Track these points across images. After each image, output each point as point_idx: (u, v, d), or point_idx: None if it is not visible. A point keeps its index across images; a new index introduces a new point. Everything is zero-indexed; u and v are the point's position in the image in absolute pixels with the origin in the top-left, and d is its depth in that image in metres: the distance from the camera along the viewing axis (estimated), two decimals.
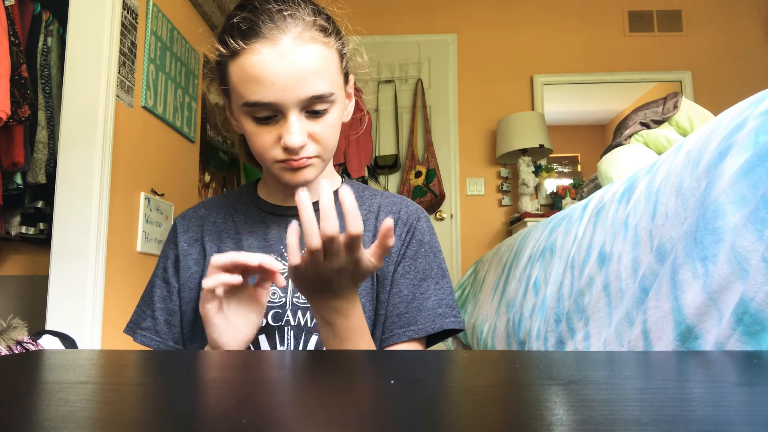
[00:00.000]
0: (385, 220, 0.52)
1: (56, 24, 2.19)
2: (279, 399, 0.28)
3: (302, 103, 0.64)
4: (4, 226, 2.15)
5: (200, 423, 0.23)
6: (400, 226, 0.75)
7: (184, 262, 0.75)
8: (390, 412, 0.24)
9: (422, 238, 0.75)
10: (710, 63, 3.55)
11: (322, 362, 0.40)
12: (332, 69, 0.67)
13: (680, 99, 1.74)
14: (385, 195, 0.80)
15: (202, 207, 0.82)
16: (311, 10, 0.66)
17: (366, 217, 0.76)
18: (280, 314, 0.69)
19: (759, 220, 0.44)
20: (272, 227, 0.75)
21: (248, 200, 0.79)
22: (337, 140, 0.71)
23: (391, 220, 0.53)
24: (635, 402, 0.25)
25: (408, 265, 0.73)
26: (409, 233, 0.75)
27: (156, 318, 0.75)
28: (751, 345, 0.43)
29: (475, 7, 3.67)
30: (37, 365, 0.39)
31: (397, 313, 0.71)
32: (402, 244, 0.75)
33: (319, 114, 0.66)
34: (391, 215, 0.73)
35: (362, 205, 0.77)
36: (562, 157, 4.39)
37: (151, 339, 0.74)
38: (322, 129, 0.67)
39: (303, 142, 0.65)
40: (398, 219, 0.76)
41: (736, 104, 0.60)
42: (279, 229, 0.74)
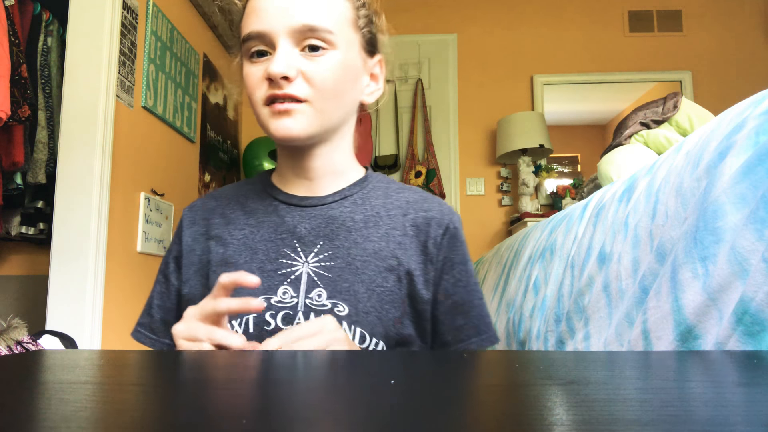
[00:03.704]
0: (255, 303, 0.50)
1: (56, 24, 2.19)
2: (279, 399, 0.28)
3: (293, 32, 0.60)
4: (4, 226, 2.15)
5: (200, 423, 0.23)
6: (434, 226, 0.68)
7: (188, 258, 0.70)
8: (390, 412, 0.24)
9: (463, 240, 0.70)
10: (710, 63, 3.54)
11: (322, 362, 0.40)
12: (337, 10, 0.63)
13: (680, 99, 1.74)
14: (414, 191, 0.73)
15: (212, 198, 0.76)
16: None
17: (391, 211, 0.69)
18: (291, 316, 0.62)
19: (759, 220, 0.44)
20: (285, 218, 0.68)
21: (261, 188, 0.73)
22: (337, 92, 0.64)
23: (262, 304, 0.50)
24: (635, 402, 0.25)
25: (459, 271, 0.68)
26: (447, 235, 0.69)
27: (152, 315, 0.71)
28: (751, 345, 0.43)
29: (475, 7, 3.67)
30: (37, 365, 0.39)
31: (457, 326, 0.67)
32: (439, 248, 0.68)
33: (315, 51, 0.61)
34: (422, 212, 0.69)
35: (388, 198, 0.71)
36: (562, 157, 4.39)
37: (146, 337, 0.70)
38: (316, 68, 0.61)
39: (286, 71, 0.60)
40: (431, 218, 0.69)
41: (736, 104, 0.60)
42: (293, 220, 0.68)
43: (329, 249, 0.65)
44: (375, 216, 0.68)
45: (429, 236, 0.68)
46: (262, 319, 0.62)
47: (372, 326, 0.62)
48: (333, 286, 0.63)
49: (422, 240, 0.68)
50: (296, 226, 0.67)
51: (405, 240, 0.67)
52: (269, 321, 0.62)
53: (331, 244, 0.65)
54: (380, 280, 0.64)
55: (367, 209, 0.69)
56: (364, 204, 0.69)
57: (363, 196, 0.70)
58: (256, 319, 0.62)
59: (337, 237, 0.66)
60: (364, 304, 0.62)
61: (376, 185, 0.72)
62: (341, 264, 0.64)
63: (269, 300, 0.62)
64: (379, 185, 0.73)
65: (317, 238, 0.66)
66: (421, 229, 0.68)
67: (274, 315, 0.62)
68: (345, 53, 0.64)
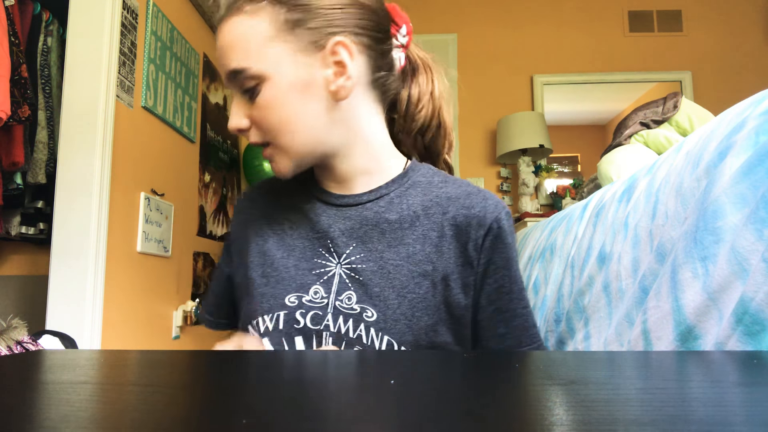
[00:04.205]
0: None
1: (56, 24, 2.19)
2: (279, 399, 0.28)
3: (230, 81, 0.60)
4: (4, 226, 2.15)
5: (200, 423, 0.23)
6: (474, 226, 0.62)
7: (235, 245, 0.72)
8: (390, 412, 0.24)
9: (509, 241, 0.64)
10: (710, 63, 3.54)
11: (322, 362, 0.40)
12: (253, 41, 0.58)
13: (680, 99, 1.74)
14: (459, 184, 0.67)
15: (259, 188, 0.75)
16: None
17: (430, 209, 0.64)
18: (320, 317, 0.61)
19: (759, 220, 0.44)
20: (321, 217, 0.66)
21: (304, 183, 0.70)
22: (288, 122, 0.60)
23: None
24: (635, 402, 0.25)
25: (501, 276, 0.63)
26: (489, 236, 0.62)
27: (209, 298, 0.76)
28: (751, 345, 0.43)
29: (475, 7, 3.67)
30: (37, 365, 0.39)
31: (499, 335, 0.63)
32: (480, 251, 0.62)
33: (250, 93, 0.60)
34: (464, 210, 0.63)
35: (428, 194, 0.65)
36: (562, 157, 4.39)
37: (206, 318, 0.75)
38: (257, 111, 0.60)
39: (237, 125, 0.60)
40: (473, 217, 0.63)
41: (736, 104, 0.60)
42: (328, 219, 0.65)
43: (362, 251, 0.63)
44: (411, 216, 0.64)
45: (470, 237, 0.62)
46: (292, 316, 0.61)
47: (401, 334, 0.60)
48: (363, 290, 0.61)
49: (462, 241, 0.63)
50: (331, 225, 0.65)
51: (443, 242, 0.63)
52: (299, 319, 0.61)
53: (364, 246, 0.63)
54: (413, 285, 0.61)
55: (403, 208, 0.64)
56: (400, 203, 0.65)
57: (400, 194, 0.65)
58: (286, 317, 0.61)
59: (371, 239, 0.63)
60: (393, 310, 0.60)
61: (417, 180, 0.67)
62: (373, 267, 0.62)
63: (301, 298, 0.62)
64: (421, 180, 0.67)
65: (350, 239, 0.64)
66: (462, 229, 0.63)
67: (305, 314, 0.61)
68: (278, 77, 0.59)
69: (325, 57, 0.60)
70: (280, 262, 0.65)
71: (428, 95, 0.69)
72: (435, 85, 0.70)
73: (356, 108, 0.64)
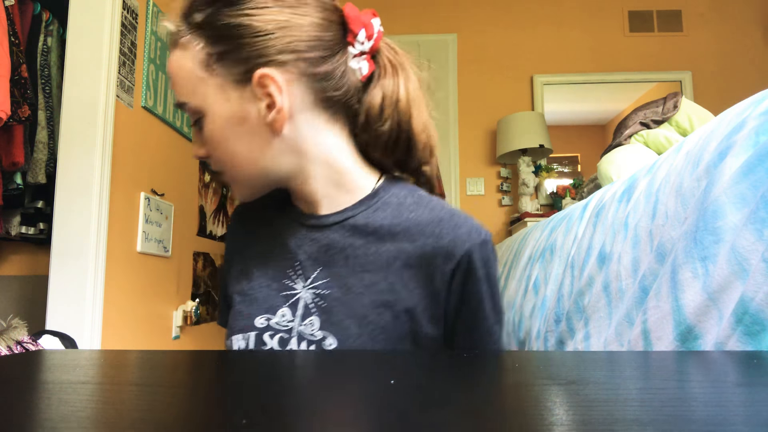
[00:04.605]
0: None
1: (56, 24, 2.19)
2: (279, 399, 0.28)
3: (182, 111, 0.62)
4: (4, 226, 2.15)
5: (200, 423, 0.23)
6: (442, 258, 0.58)
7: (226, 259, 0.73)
8: (390, 412, 0.24)
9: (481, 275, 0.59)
10: (710, 63, 3.54)
11: (322, 363, 0.40)
12: (186, 75, 0.58)
13: (680, 99, 1.74)
14: (431, 207, 0.61)
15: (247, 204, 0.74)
16: (189, 6, 0.59)
17: (397, 235, 0.60)
18: (285, 340, 0.60)
19: (759, 220, 0.44)
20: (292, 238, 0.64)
21: (282, 200, 0.68)
22: (232, 154, 0.59)
23: None
24: (635, 402, 0.25)
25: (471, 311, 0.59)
26: (459, 271, 0.58)
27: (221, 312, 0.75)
28: (751, 345, 0.43)
29: (475, 7, 3.67)
30: (37, 365, 0.39)
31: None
32: (449, 285, 0.58)
33: (197, 124, 0.60)
34: (432, 239, 0.58)
35: (397, 217, 0.61)
36: (562, 157, 4.39)
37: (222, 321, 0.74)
38: (206, 144, 0.60)
39: (196, 154, 0.61)
40: (441, 248, 0.58)
41: (736, 104, 0.60)
42: (297, 241, 0.63)
43: (327, 276, 0.60)
44: (377, 241, 0.60)
45: (437, 270, 0.58)
46: (260, 338, 0.61)
47: None
48: (326, 317, 0.59)
49: (429, 273, 0.58)
50: (299, 247, 0.63)
51: (408, 273, 0.59)
52: (267, 341, 0.60)
53: (329, 271, 0.61)
54: (374, 316, 0.58)
55: (369, 232, 0.61)
56: (366, 227, 0.61)
57: (367, 217, 0.61)
58: (256, 338, 0.61)
59: (336, 264, 0.61)
60: (353, 340, 0.58)
61: (388, 201, 0.62)
62: (336, 294, 0.59)
63: (269, 320, 0.61)
64: (391, 201, 0.62)
65: (316, 263, 0.62)
66: (429, 261, 0.58)
67: (272, 336, 0.60)
68: (213, 112, 0.58)
69: (254, 90, 0.57)
70: (256, 280, 0.64)
71: (394, 104, 0.61)
72: (401, 91, 0.62)
73: (305, 134, 0.60)
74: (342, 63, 0.60)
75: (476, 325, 0.60)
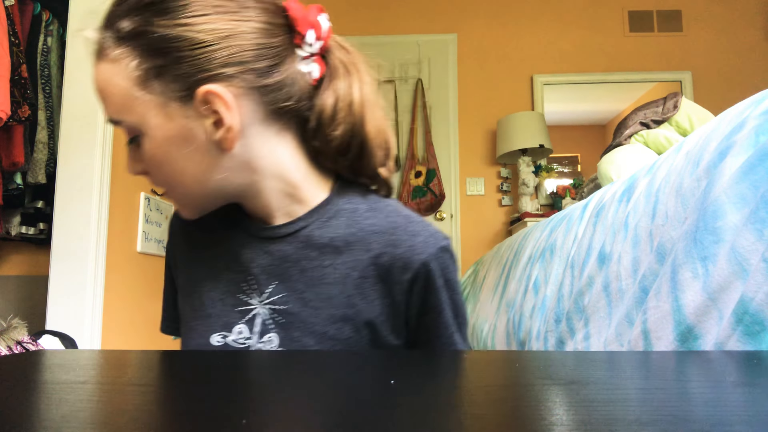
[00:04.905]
0: None
1: (56, 24, 2.19)
2: (279, 399, 0.28)
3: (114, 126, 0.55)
4: (4, 226, 2.15)
5: (200, 423, 0.23)
6: (399, 269, 0.55)
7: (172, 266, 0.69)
8: (390, 412, 0.24)
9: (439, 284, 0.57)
10: (710, 63, 3.54)
11: (323, 363, 0.40)
12: (119, 92, 0.52)
13: (680, 99, 1.74)
14: (387, 213, 0.59)
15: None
16: (114, 14, 0.54)
17: (353, 244, 0.57)
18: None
19: (759, 220, 0.44)
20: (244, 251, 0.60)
21: (234, 208, 0.63)
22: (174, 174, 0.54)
23: None
24: (635, 402, 0.25)
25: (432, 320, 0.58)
26: (417, 282, 0.56)
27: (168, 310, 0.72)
28: (751, 345, 0.43)
29: (475, 7, 3.67)
30: (37, 365, 0.39)
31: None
32: (408, 296, 0.56)
33: (134, 142, 0.55)
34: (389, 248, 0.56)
35: (352, 225, 0.58)
36: (562, 157, 4.39)
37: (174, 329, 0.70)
38: (145, 162, 0.55)
39: (133, 171, 0.57)
40: (397, 258, 0.56)
41: (736, 104, 0.60)
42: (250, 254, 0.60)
43: (283, 291, 0.57)
44: (333, 252, 0.57)
45: (395, 281, 0.56)
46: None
47: None
48: (285, 333, 0.56)
49: (388, 284, 0.56)
50: (252, 260, 0.59)
51: (366, 283, 0.56)
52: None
53: (285, 285, 0.57)
54: (333, 331, 0.56)
55: (324, 243, 0.57)
56: (321, 236, 0.58)
57: (321, 226, 0.58)
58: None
59: (291, 277, 0.57)
60: None
61: (341, 209, 0.59)
62: (294, 309, 0.57)
63: (225, 338, 0.58)
64: (345, 208, 0.59)
65: (271, 276, 0.58)
66: (386, 270, 0.56)
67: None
68: (152, 131, 0.52)
69: (198, 107, 0.51)
70: (207, 295, 0.60)
71: (347, 107, 0.57)
72: (355, 93, 0.58)
73: (256, 149, 0.55)
74: (292, 69, 0.55)
75: (437, 334, 0.58)
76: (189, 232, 0.65)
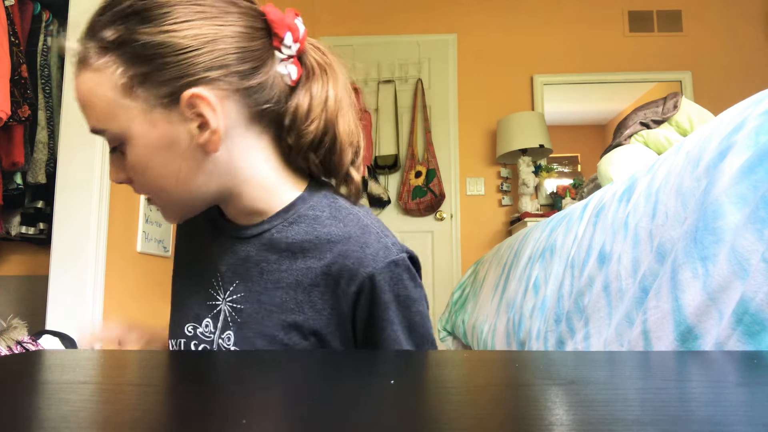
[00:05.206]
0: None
1: (56, 24, 2.19)
2: (279, 399, 0.28)
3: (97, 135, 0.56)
4: (4, 226, 2.15)
5: (200, 423, 0.23)
6: (345, 280, 0.55)
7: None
8: (390, 412, 0.24)
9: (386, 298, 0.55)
10: (710, 63, 3.54)
11: (323, 363, 0.40)
12: (103, 101, 0.52)
13: (680, 99, 1.74)
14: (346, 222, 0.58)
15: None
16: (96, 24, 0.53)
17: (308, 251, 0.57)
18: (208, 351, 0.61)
19: (759, 220, 0.44)
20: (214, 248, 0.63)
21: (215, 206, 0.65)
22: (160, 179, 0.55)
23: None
24: (635, 402, 0.25)
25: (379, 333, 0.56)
26: (363, 295, 0.55)
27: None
28: (751, 345, 0.43)
29: (475, 7, 3.67)
30: (37, 365, 0.39)
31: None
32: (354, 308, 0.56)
33: (117, 150, 0.55)
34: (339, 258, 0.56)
35: (311, 232, 0.58)
36: (562, 157, 4.39)
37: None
38: (129, 170, 0.56)
39: (116, 179, 0.57)
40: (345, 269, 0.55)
41: (736, 104, 0.60)
42: (218, 251, 0.62)
43: (242, 290, 0.59)
44: (290, 256, 0.58)
45: (342, 292, 0.56)
46: (189, 346, 0.62)
47: None
48: (240, 332, 0.58)
49: (336, 294, 0.56)
50: (220, 257, 0.61)
51: (315, 292, 0.57)
52: (193, 350, 0.61)
53: (245, 285, 0.59)
54: (282, 335, 0.56)
55: (282, 247, 0.58)
56: (280, 240, 0.59)
57: (281, 230, 0.59)
58: (185, 345, 0.62)
59: (251, 278, 0.59)
60: None
61: (304, 214, 0.59)
62: (250, 309, 0.58)
63: (195, 329, 0.61)
64: (308, 214, 0.59)
65: (234, 275, 0.60)
66: (334, 280, 0.56)
67: (197, 345, 0.61)
68: (137, 139, 0.53)
69: (183, 111, 0.53)
70: (185, 287, 0.65)
71: (322, 105, 0.59)
72: (330, 93, 0.59)
73: (237, 153, 0.57)
74: (272, 71, 0.57)
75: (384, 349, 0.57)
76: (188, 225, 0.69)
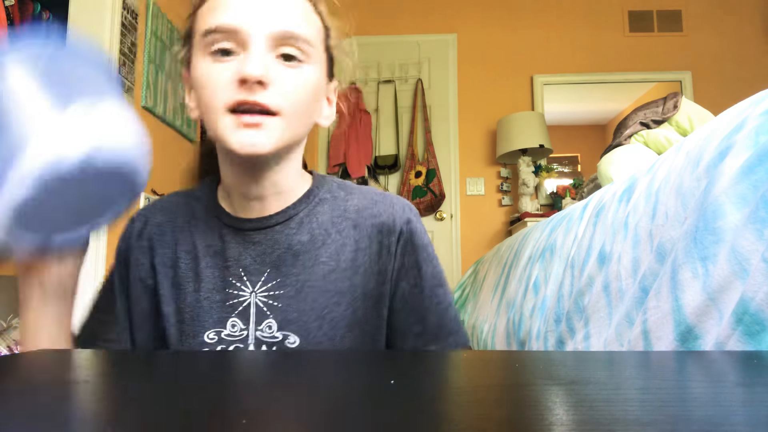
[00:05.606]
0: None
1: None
2: (279, 399, 0.28)
3: (272, 36, 0.54)
4: None
5: (200, 423, 0.23)
6: (386, 234, 0.63)
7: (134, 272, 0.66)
8: (390, 412, 0.24)
9: (420, 242, 0.64)
10: (710, 63, 3.54)
11: (323, 362, 0.40)
12: (315, 25, 0.59)
13: (680, 99, 1.74)
14: (365, 193, 0.66)
15: (159, 211, 0.68)
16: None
17: (340, 224, 0.63)
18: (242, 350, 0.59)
19: (759, 220, 0.44)
20: (230, 245, 0.62)
21: (206, 206, 0.66)
22: (307, 108, 0.58)
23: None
24: (635, 402, 0.25)
25: (414, 276, 0.63)
26: (401, 242, 0.63)
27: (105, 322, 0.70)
28: (751, 345, 0.43)
29: (475, 7, 3.67)
30: (37, 365, 0.39)
31: (415, 334, 0.63)
32: (394, 257, 0.63)
33: (291, 60, 0.55)
34: (372, 219, 0.63)
35: (336, 209, 0.64)
36: (562, 157, 4.40)
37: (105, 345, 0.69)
38: (292, 79, 0.55)
39: (264, 73, 0.52)
40: (382, 225, 0.63)
41: (736, 104, 0.60)
42: (237, 246, 0.62)
43: (277, 277, 0.60)
44: (323, 234, 0.62)
45: (382, 245, 0.63)
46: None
47: None
48: (283, 316, 0.59)
49: (376, 251, 0.63)
50: (241, 253, 0.61)
51: (357, 255, 0.62)
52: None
53: (278, 271, 0.60)
54: (331, 305, 0.60)
55: (314, 227, 0.63)
56: (310, 222, 0.63)
57: (309, 213, 0.64)
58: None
59: (284, 263, 0.61)
60: (314, 333, 0.59)
61: (323, 197, 0.65)
62: (290, 292, 0.60)
63: (219, 333, 0.59)
64: (326, 196, 0.66)
65: (263, 266, 0.61)
66: (373, 239, 0.63)
67: (227, 348, 0.59)
68: (317, 70, 0.59)
69: (330, 87, 0.65)
70: (192, 295, 0.61)
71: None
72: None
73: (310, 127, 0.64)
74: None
75: (421, 287, 0.63)
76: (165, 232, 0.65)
